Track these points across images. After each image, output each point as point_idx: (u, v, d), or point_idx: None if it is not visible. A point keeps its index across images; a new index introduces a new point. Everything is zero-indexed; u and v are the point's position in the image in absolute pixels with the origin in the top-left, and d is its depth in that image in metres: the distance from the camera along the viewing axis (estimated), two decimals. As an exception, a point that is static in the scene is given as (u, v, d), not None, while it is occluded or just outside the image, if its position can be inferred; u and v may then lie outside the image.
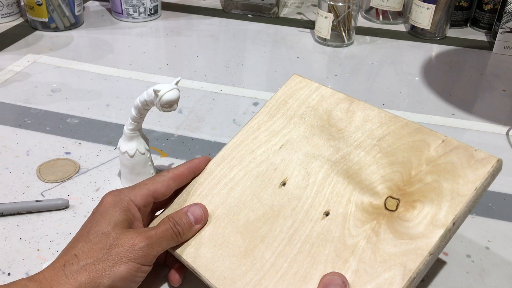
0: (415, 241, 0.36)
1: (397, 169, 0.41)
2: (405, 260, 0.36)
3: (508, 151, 0.65)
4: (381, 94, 0.78)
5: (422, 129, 0.42)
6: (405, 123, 0.43)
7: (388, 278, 0.36)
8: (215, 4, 1.09)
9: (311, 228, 0.40)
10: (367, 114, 0.45)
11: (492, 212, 0.55)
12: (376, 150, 0.43)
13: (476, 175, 0.37)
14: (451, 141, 0.40)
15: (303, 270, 0.38)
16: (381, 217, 0.39)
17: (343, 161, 0.43)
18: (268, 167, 0.46)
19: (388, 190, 0.40)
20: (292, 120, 0.48)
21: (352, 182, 0.42)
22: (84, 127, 0.66)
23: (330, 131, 0.46)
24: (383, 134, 0.43)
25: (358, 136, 0.44)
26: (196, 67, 0.83)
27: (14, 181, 0.56)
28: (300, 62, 0.86)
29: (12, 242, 0.48)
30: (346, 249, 0.38)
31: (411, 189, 0.39)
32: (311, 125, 0.47)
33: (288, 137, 0.47)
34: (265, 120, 0.49)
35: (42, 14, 0.90)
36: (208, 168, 0.48)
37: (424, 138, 0.41)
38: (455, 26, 1.01)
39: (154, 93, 0.46)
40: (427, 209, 0.38)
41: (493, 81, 0.83)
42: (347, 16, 0.89)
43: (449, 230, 0.36)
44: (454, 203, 0.37)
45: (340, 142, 0.45)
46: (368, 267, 0.37)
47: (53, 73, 0.79)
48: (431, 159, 0.40)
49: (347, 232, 0.39)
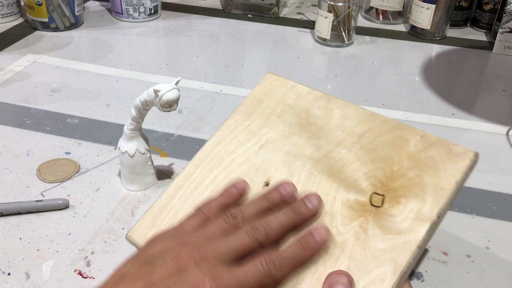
0: (403, 236, 0.37)
1: (380, 165, 0.41)
2: (395, 255, 0.36)
3: (508, 151, 0.65)
4: (381, 94, 0.78)
5: (400, 125, 0.42)
6: (384, 120, 0.43)
7: (380, 274, 0.36)
8: (215, 4, 1.09)
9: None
10: (345, 111, 0.45)
11: (492, 212, 0.55)
12: (357, 147, 0.43)
13: (456, 168, 0.38)
14: (429, 136, 0.41)
15: (295, 270, 0.38)
16: (367, 214, 0.39)
17: (325, 159, 0.43)
18: (249, 167, 0.45)
19: (372, 186, 0.40)
20: (270, 119, 0.47)
21: (336, 180, 0.42)
22: (84, 127, 0.66)
23: (309, 129, 0.45)
24: (362, 131, 0.43)
25: (338, 134, 0.44)
26: (196, 67, 0.83)
27: (14, 181, 0.56)
28: (300, 62, 0.86)
29: (12, 242, 0.48)
30: (336, 247, 0.38)
31: (394, 185, 0.40)
32: (290, 123, 0.46)
33: (267, 137, 0.46)
34: (242, 120, 0.48)
35: (42, 14, 0.90)
36: (185, 171, 0.46)
37: (403, 134, 0.42)
38: (455, 26, 1.01)
39: (154, 93, 0.46)
40: (411, 204, 0.38)
41: (493, 81, 0.83)
42: (347, 16, 0.89)
43: (435, 223, 0.37)
44: (437, 196, 0.38)
45: (320, 140, 0.44)
46: (359, 264, 0.37)
47: (53, 73, 0.79)
48: (412, 155, 0.40)
49: (336, 230, 0.39)
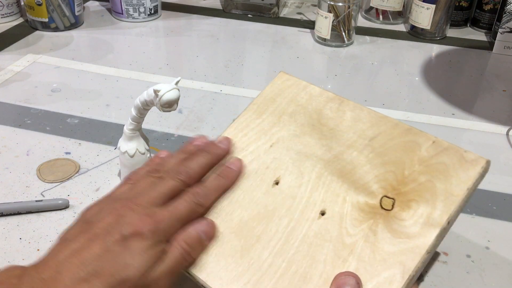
0: (413, 240, 0.37)
1: (391, 169, 0.41)
2: (404, 258, 0.36)
3: (508, 151, 0.65)
4: (381, 94, 0.78)
5: (412, 130, 0.42)
6: (396, 124, 0.43)
7: (388, 277, 0.36)
8: (215, 4, 1.09)
9: (308, 227, 0.40)
10: (357, 114, 0.45)
11: (492, 212, 0.55)
12: (368, 150, 0.42)
13: (468, 175, 0.38)
14: (441, 142, 0.41)
15: (302, 270, 0.38)
16: (377, 216, 0.39)
17: (336, 160, 0.43)
18: (259, 165, 0.44)
19: (383, 189, 0.40)
20: (281, 118, 0.47)
21: (347, 182, 0.41)
22: (84, 127, 0.66)
23: (321, 130, 0.45)
24: (374, 134, 0.43)
25: (350, 136, 0.44)
26: (196, 67, 0.83)
27: (14, 181, 0.56)
28: (300, 62, 0.86)
29: (12, 242, 0.48)
30: (344, 248, 0.38)
31: (405, 189, 0.39)
32: (302, 123, 0.46)
33: (278, 136, 0.46)
34: (253, 118, 0.48)
35: (42, 14, 0.90)
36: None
37: (415, 139, 0.42)
38: (455, 26, 1.01)
39: (154, 93, 0.46)
40: (422, 208, 0.38)
41: (493, 81, 0.83)
42: (347, 16, 0.89)
43: (444, 229, 0.37)
44: (448, 202, 0.38)
45: (332, 142, 0.44)
46: (368, 265, 0.37)
47: (53, 73, 0.79)
48: (423, 159, 0.40)
49: (345, 231, 0.39)
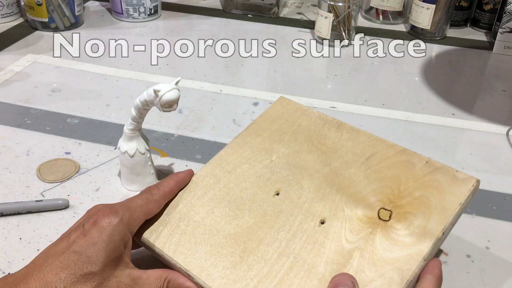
0: (410, 248, 0.39)
1: (387, 184, 0.44)
2: (402, 265, 0.38)
3: (508, 151, 0.65)
4: (381, 94, 0.78)
5: (406, 151, 0.46)
6: (390, 145, 0.47)
7: (386, 282, 0.37)
8: (215, 4, 1.09)
9: (308, 234, 0.41)
10: (354, 135, 0.48)
11: (492, 212, 0.55)
12: (365, 167, 0.45)
13: (460, 192, 0.41)
14: (434, 162, 0.44)
15: (302, 274, 0.38)
16: (376, 226, 0.41)
17: (334, 175, 0.46)
18: (260, 177, 0.46)
19: (380, 202, 0.42)
20: (282, 137, 0.50)
21: (345, 194, 0.44)
22: (84, 127, 0.66)
23: (320, 148, 0.48)
24: (370, 153, 0.46)
25: (347, 154, 0.47)
26: (196, 67, 0.83)
27: (14, 181, 0.56)
28: (300, 62, 0.86)
29: (12, 242, 0.48)
30: (344, 255, 0.39)
31: (401, 202, 0.42)
32: (301, 142, 0.49)
33: (279, 152, 0.48)
34: (254, 136, 0.50)
35: (42, 14, 0.90)
36: (193, 181, 0.47)
37: (409, 159, 0.45)
38: (455, 26, 1.01)
39: (154, 93, 0.46)
40: (418, 220, 0.40)
41: (493, 81, 0.83)
42: (347, 16, 0.89)
43: (439, 239, 0.39)
44: (442, 215, 0.40)
45: (330, 158, 0.47)
46: (366, 270, 0.38)
47: (53, 73, 0.79)
48: (418, 177, 0.43)
49: (344, 238, 0.41)
